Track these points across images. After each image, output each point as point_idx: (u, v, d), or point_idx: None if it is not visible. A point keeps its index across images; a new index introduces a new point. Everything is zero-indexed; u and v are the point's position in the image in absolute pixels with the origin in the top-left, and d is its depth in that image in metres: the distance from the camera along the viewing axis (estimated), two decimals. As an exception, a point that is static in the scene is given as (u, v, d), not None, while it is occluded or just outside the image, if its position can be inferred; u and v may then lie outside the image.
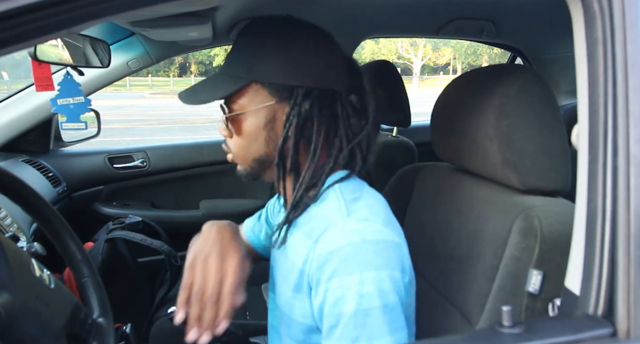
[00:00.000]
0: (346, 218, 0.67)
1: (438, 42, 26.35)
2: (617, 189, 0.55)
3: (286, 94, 0.71)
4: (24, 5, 0.47)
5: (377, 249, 0.64)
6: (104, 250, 1.57)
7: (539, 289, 0.72)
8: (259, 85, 0.72)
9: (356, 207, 0.69)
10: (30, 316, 0.67)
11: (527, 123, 0.80)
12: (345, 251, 0.63)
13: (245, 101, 0.74)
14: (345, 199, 0.70)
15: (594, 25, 0.57)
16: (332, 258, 0.64)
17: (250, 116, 0.74)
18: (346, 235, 0.65)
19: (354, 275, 0.62)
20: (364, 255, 0.63)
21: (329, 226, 0.67)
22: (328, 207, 0.71)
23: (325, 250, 0.65)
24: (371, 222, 0.67)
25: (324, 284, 0.64)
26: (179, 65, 30.65)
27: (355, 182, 0.76)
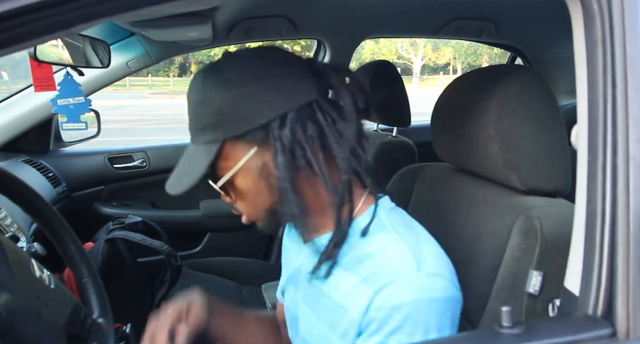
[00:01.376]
0: (416, 272, 0.62)
1: (438, 42, 26.36)
2: (616, 190, 0.55)
3: (262, 135, 0.65)
4: (24, 5, 0.47)
5: (443, 308, 0.62)
6: (104, 250, 1.57)
7: (539, 290, 0.72)
8: (232, 140, 0.66)
9: (425, 259, 0.64)
10: (30, 316, 0.67)
11: (527, 123, 0.80)
12: (410, 309, 0.60)
13: (228, 162, 0.68)
14: (408, 245, 0.64)
15: (593, 26, 0.57)
16: (395, 313, 0.60)
17: (240, 174, 0.68)
18: (413, 292, 0.60)
19: (416, 335, 0.60)
20: (429, 315, 0.60)
21: (396, 279, 0.61)
22: (390, 253, 0.64)
23: (388, 304, 0.61)
24: (440, 278, 0.63)
25: (380, 338, 0.61)
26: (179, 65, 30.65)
27: (401, 215, 0.71)
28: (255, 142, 0.66)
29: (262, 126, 0.65)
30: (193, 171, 0.69)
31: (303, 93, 0.66)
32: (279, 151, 0.65)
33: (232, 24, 1.72)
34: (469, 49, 25.65)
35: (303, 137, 0.65)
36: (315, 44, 2.13)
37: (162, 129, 9.90)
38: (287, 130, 0.64)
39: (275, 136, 0.65)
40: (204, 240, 2.12)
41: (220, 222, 2.09)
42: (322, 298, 0.71)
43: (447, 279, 0.64)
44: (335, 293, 0.68)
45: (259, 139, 0.66)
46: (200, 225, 2.09)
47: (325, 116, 0.66)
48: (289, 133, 0.64)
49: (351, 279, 0.66)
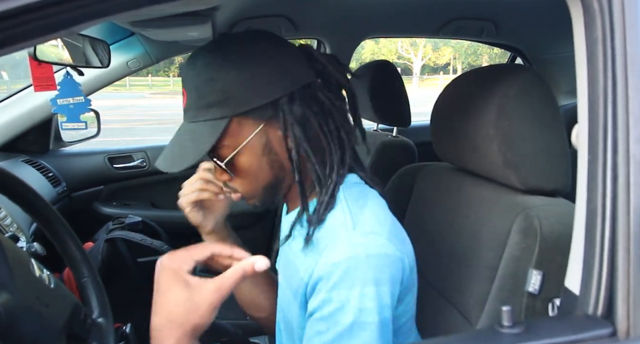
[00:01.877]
0: (352, 231, 0.66)
1: (438, 42, 26.35)
2: (617, 189, 0.55)
3: (271, 111, 0.68)
4: (24, 5, 0.47)
5: (380, 264, 0.64)
6: (104, 250, 1.57)
7: (538, 289, 0.72)
8: (238, 117, 0.68)
9: (362, 219, 0.67)
10: (30, 316, 0.67)
11: (527, 123, 0.80)
12: (348, 264, 0.63)
13: (233, 139, 0.69)
14: (350, 209, 0.69)
15: (593, 25, 0.57)
16: (335, 270, 0.63)
17: (245, 151, 0.70)
18: (350, 248, 0.64)
19: (355, 289, 0.62)
20: (366, 270, 0.63)
21: (335, 238, 0.66)
22: (334, 217, 0.69)
23: (328, 262, 0.64)
24: (376, 235, 0.66)
25: (324, 294, 0.64)
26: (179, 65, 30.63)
27: (360, 187, 0.74)
28: (263, 119, 0.68)
29: (272, 103, 0.67)
30: (196, 147, 0.68)
31: (304, 73, 0.70)
32: (293, 124, 0.68)
33: (232, 24, 1.72)
34: (469, 49, 25.65)
35: (310, 112, 0.69)
36: (315, 44, 2.13)
37: (162, 129, 9.89)
38: (297, 105, 0.68)
39: (286, 111, 0.67)
40: (203, 240, 2.11)
41: (220, 222, 2.08)
42: (288, 263, 0.75)
43: (385, 237, 0.66)
44: (294, 256, 0.73)
45: (267, 116, 0.68)
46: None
47: (325, 96, 0.71)
48: (299, 108, 0.68)
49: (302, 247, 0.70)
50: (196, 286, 0.58)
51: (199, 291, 0.57)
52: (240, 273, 0.58)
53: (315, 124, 0.69)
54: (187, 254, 0.61)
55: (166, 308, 0.58)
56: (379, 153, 1.78)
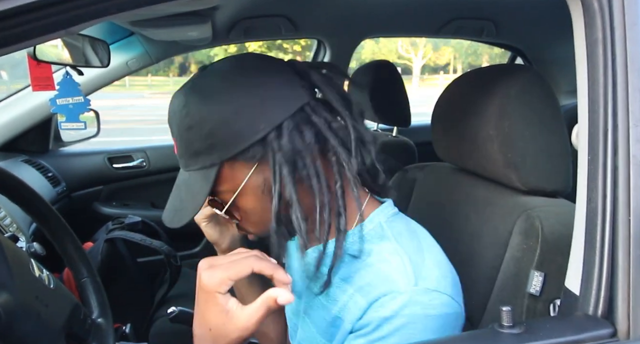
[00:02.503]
0: (414, 287, 0.59)
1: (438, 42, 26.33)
2: (617, 189, 0.55)
3: (260, 150, 0.61)
4: (24, 5, 0.47)
5: (438, 325, 0.59)
6: (104, 250, 1.57)
7: (540, 290, 0.72)
8: (230, 161, 0.62)
9: (425, 272, 0.60)
10: (30, 316, 0.67)
11: (528, 123, 0.80)
12: (402, 322, 0.58)
13: (229, 184, 0.64)
14: (409, 256, 0.61)
15: (593, 25, 0.57)
16: (386, 324, 0.58)
17: (243, 195, 0.64)
18: (409, 307, 0.58)
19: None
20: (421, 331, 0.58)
21: (392, 291, 0.59)
22: (388, 263, 0.61)
23: (380, 315, 0.59)
24: (440, 293, 0.59)
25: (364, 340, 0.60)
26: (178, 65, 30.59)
27: (404, 222, 0.68)
28: (254, 159, 0.62)
29: (259, 141, 0.61)
30: (192, 200, 0.65)
31: (294, 98, 0.62)
32: (281, 164, 0.61)
33: (232, 24, 1.72)
34: (469, 49, 25.62)
35: (302, 145, 0.61)
36: (315, 44, 2.13)
37: (162, 129, 9.85)
38: (285, 140, 0.60)
39: (274, 148, 0.61)
40: (203, 240, 2.12)
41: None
42: (322, 310, 0.69)
43: (448, 293, 0.60)
44: (333, 304, 0.67)
45: (258, 155, 0.62)
46: (200, 225, 2.08)
47: (319, 116, 0.63)
48: (287, 143, 0.60)
49: (348, 289, 0.64)
50: (231, 313, 0.58)
51: (233, 320, 0.58)
52: (265, 307, 0.57)
53: (307, 159, 0.62)
54: (225, 276, 0.58)
55: (204, 326, 0.59)
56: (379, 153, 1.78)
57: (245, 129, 0.61)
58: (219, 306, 0.58)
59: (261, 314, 0.57)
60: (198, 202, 0.64)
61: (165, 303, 1.52)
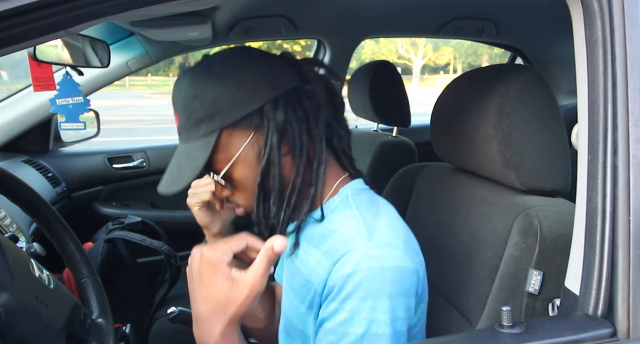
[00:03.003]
0: (367, 243, 0.65)
1: (438, 42, 26.33)
2: (617, 189, 0.55)
3: (257, 120, 0.68)
4: (23, 5, 0.47)
5: (395, 277, 0.63)
6: (104, 250, 1.57)
7: (538, 290, 0.72)
8: (229, 129, 0.68)
9: (377, 229, 0.67)
10: (30, 316, 0.67)
11: (527, 123, 0.80)
12: (362, 276, 0.62)
13: (227, 152, 0.69)
14: (364, 218, 0.68)
15: (593, 25, 0.57)
16: (348, 281, 0.63)
17: (240, 163, 0.70)
18: (365, 260, 0.63)
19: (367, 301, 0.62)
20: (380, 282, 0.62)
21: (350, 249, 0.65)
22: (346, 226, 0.68)
23: (342, 273, 0.64)
24: (392, 247, 0.65)
25: (336, 304, 0.64)
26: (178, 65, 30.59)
27: (369, 194, 0.74)
28: (251, 127, 0.68)
29: (258, 110, 0.68)
30: (191, 165, 0.69)
31: (288, 79, 0.70)
32: (273, 131, 0.68)
33: (232, 24, 1.72)
34: (469, 49, 25.63)
35: (293, 118, 0.69)
36: (315, 44, 2.13)
37: (162, 129, 9.89)
38: (280, 111, 0.68)
39: (269, 117, 0.68)
40: (204, 240, 2.11)
41: (220, 222, 2.08)
42: (298, 275, 0.74)
43: (400, 249, 0.65)
44: (305, 268, 0.72)
45: (255, 125, 0.68)
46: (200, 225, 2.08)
47: (309, 100, 0.70)
48: (282, 114, 0.68)
49: (315, 254, 0.70)
50: (236, 279, 0.61)
51: (240, 283, 0.61)
52: (266, 259, 0.61)
53: (296, 130, 0.69)
54: (226, 247, 0.64)
55: (212, 299, 0.61)
56: (379, 153, 1.78)
57: (245, 98, 0.68)
58: (225, 274, 0.61)
59: (264, 267, 0.61)
60: (197, 166, 0.68)
61: (165, 303, 1.52)
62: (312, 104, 0.71)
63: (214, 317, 0.61)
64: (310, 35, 2.06)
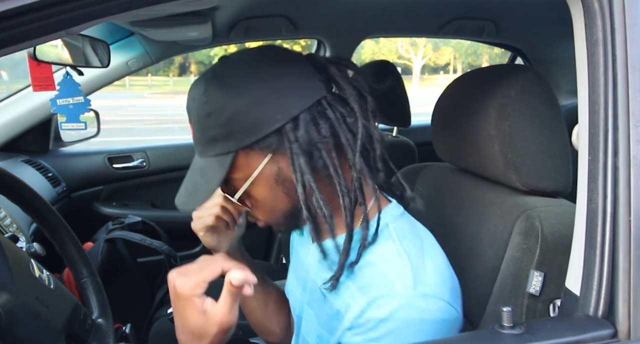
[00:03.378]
0: (411, 291, 0.59)
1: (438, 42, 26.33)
2: (617, 190, 0.55)
3: (276, 140, 0.63)
4: (24, 5, 0.47)
5: (435, 330, 0.59)
6: (104, 250, 1.57)
7: (539, 290, 0.72)
8: (245, 149, 0.64)
9: (425, 277, 0.61)
10: (30, 316, 0.67)
11: (528, 123, 0.80)
12: (397, 325, 0.58)
13: (243, 171, 0.66)
14: (410, 259, 0.62)
15: (594, 25, 0.57)
16: (381, 325, 0.59)
17: (257, 183, 0.66)
18: (406, 310, 0.59)
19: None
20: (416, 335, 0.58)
21: (391, 293, 0.60)
22: (390, 264, 0.62)
23: (377, 316, 0.60)
24: (437, 299, 0.60)
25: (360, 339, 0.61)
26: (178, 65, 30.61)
27: (409, 222, 0.69)
28: (270, 148, 0.64)
29: (276, 131, 0.62)
30: (206, 185, 0.66)
31: (311, 91, 0.64)
32: (298, 154, 0.62)
33: (232, 24, 1.72)
34: (469, 49, 25.63)
35: (317, 137, 0.63)
36: (315, 43, 2.13)
37: (162, 129, 9.89)
38: (302, 131, 0.62)
39: (290, 139, 0.62)
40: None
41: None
42: (325, 303, 0.70)
43: (446, 299, 0.61)
44: (335, 299, 0.68)
45: (274, 145, 0.63)
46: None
47: (335, 111, 0.64)
48: (304, 134, 0.62)
49: (350, 287, 0.65)
50: (207, 313, 0.60)
51: (211, 318, 0.59)
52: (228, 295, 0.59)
53: (322, 150, 0.63)
54: (199, 278, 0.61)
55: (186, 330, 0.61)
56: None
57: (262, 118, 0.62)
58: (197, 308, 0.60)
59: (229, 303, 0.59)
60: (211, 187, 0.65)
61: (165, 303, 1.52)
62: (339, 114, 0.65)
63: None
64: (310, 35, 2.06)
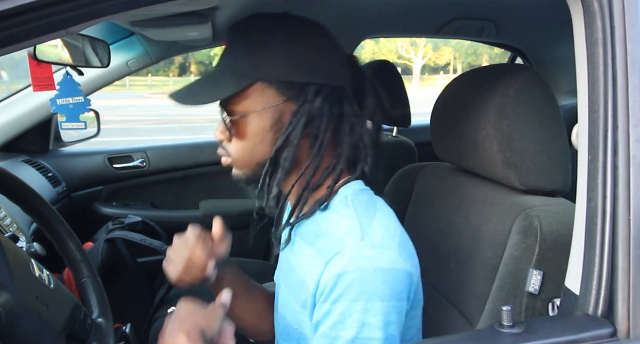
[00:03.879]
0: (359, 242, 0.63)
1: (438, 42, 26.33)
2: (617, 189, 0.55)
3: (295, 93, 0.68)
4: (23, 5, 0.47)
5: (387, 278, 0.62)
6: (104, 250, 1.57)
7: (538, 289, 0.72)
8: (265, 83, 0.68)
9: (371, 230, 0.65)
10: (30, 316, 0.67)
11: (527, 123, 0.80)
12: (353, 276, 0.61)
13: (250, 101, 0.68)
14: (359, 218, 0.66)
15: (594, 25, 0.57)
16: (340, 281, 0.61)
17: (255, 117, 0.69)
18: (357, 261, 0.62)
19: (359, 302, 0.60)
20: (372, 284, 0.61)
21: (342, 248, 0.63)
22: (341, 226, 0.67)
23: (334, 273, 0.62)
24: (385, 248, 0.63)
25: (327, 306, 0.63)
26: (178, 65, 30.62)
27: (368, 195, 0.72)
28: (284, 96, 0.68)
29: (301, 84, 0.67)
30: (212, 92, 0.69)
31: (340, 77, 0.70)
32: (304, 113, 0.67)
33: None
34: (469, 49, 25.62)
35: (328, 112, 0.68)
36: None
37: (162, 129, 9.89)
38: (319, 99, 0.67)
39: (308, 99, 0.67)
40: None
41: (219, 222, 2.08)
42: (292, 273, 0.73)
43: (394, 250, 0.64)
44: (298, 266, 0.71)
45: (290, 95, 0.68)
46: (200, 225, 2.09)
47: (350, 107, 0.70)
48: (320, 102, 0.67)
49: (309, 252, 0.69)
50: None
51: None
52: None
53: (322, 124, 0.69)
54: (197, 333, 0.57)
55: None
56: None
57: (297, 68, 0.68)
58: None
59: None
60: (217, 95, 0.69)
61: (165, 303, 1.52)
62: (352, 111, 0.70)
63: None
64: (310, 35, 2.06)
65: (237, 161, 0.73)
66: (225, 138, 0.73)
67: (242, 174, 0.74)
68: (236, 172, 0.75)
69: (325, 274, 0.64)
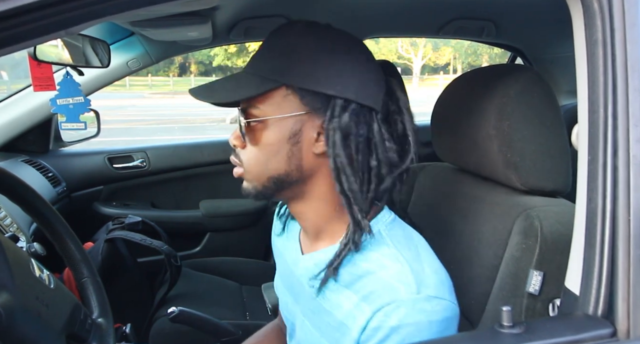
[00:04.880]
0: (416, 296, 0.60)
1: (438, 42, 26.33)
2: (617, 189, 0.55)
3: (319, 105, 0.63)
4: (23, 5, 0.47)
5: (441, 329, 0.61)
6: (104, 250, 1.57)
7: (539, 290, 0.72)
8: (289, 90, 0.63)
9: (425, 279, 0.61)
10: (30, 316, 0.67)
11: (527, 123, 0.80)
12: (408, 331, 0.59)
13: (271, 106, 0.64)
14: (408, 263, 0.62)
15: (593, 25, 0.57)
16: (393, 334, 0.60)
17: (274, 124, 0.64)
18: (414, 315, 0.59)
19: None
20: (427, 336, 0.60)
21: (396, 299, 0.60)
22: (388, 269, 0.62)
23: (388, 325, 0.60)
24: (440, 299, 0.61)
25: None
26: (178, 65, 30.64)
27: (401, 228, 0.69)
28: (309, 105, 0.63)
29: (327, 96, 0.63)
30: (233, 91, 0.66)
31: (371, 97, 0.65)
32: (334, 130, 0.62)
33: (232, 24, 1.72)
34: (469, 49, 25.62)
35: (355, 132, 0.63)
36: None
37: (162, 129, 9.89)
38: (346, 115, 0.62)
39: (335, 114, 0.63)
40: (203, 240, 2.12)
41: (220, 222, 2.09)
42: (324, 314, 0.69)
43: (447, 298, 0.62)
44: (337, 311, 0.67)
45: (314, 106, 0.63)
46: (200, 225, 2.09)
47: (379, 131, 0.65)
48: (347, 119, 0.62)
49: (349, 296, 0.65)
50: None
51: None
52: None
53: (353, 145, 0.63)
54: None
55: None
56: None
57: (324, 78, 0.63)
58: None
59: None
60: (236, 96, 0.65)
61: (166, 303, 1.52)
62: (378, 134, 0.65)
63: None
64: (310, 35, 2.06)
65: (248, 173, 0.69)
66: (239, 144, 0.69)
67: (252, 188, 0.69)
68: (246, 185, 0.70)
69: (373, 322, 0.61)
